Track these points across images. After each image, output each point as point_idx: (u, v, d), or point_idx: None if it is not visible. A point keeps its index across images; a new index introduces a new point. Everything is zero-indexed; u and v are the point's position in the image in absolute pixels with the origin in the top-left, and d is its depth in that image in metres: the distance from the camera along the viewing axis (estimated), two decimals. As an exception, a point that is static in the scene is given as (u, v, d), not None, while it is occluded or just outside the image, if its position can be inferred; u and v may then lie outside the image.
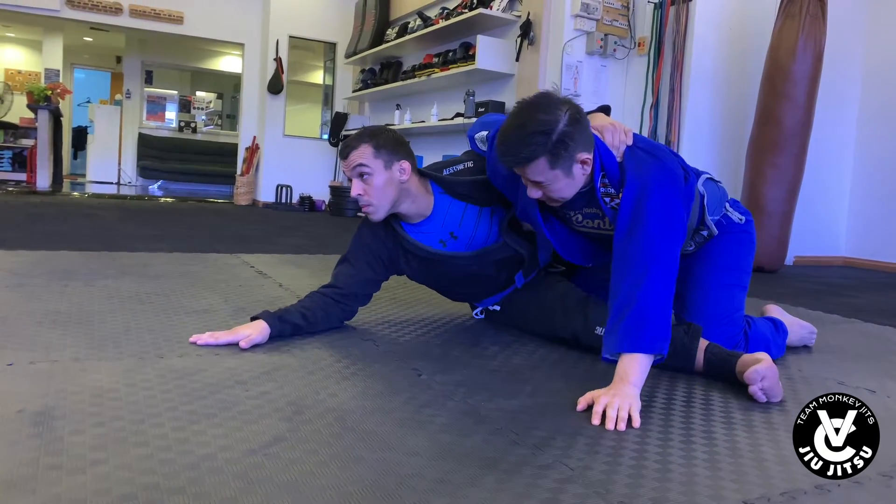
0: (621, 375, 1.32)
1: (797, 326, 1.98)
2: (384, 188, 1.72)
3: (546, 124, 1.41)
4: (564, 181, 1.48)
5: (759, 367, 1.41)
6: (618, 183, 1.52)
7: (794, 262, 4.81)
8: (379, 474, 0.96)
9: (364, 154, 1.72)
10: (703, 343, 1.58)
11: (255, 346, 1.61)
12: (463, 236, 1.85)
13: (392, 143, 1.75)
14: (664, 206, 1.44)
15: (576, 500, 0.92)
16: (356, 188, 1.73)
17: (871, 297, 3.39)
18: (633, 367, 1.32)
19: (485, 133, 1.79)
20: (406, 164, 1.75)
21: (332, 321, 1.83)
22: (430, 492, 0.92)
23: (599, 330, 1.69)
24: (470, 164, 1.88)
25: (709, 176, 1.74)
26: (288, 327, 1.70)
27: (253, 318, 1.69)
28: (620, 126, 1.57)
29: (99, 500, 0.84)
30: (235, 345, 1.60)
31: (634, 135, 1.59)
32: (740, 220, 1.79)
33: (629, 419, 1.23)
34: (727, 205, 1.80)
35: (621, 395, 1.27)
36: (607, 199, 1.55)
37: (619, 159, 1.53)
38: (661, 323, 1.36)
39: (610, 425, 1.20)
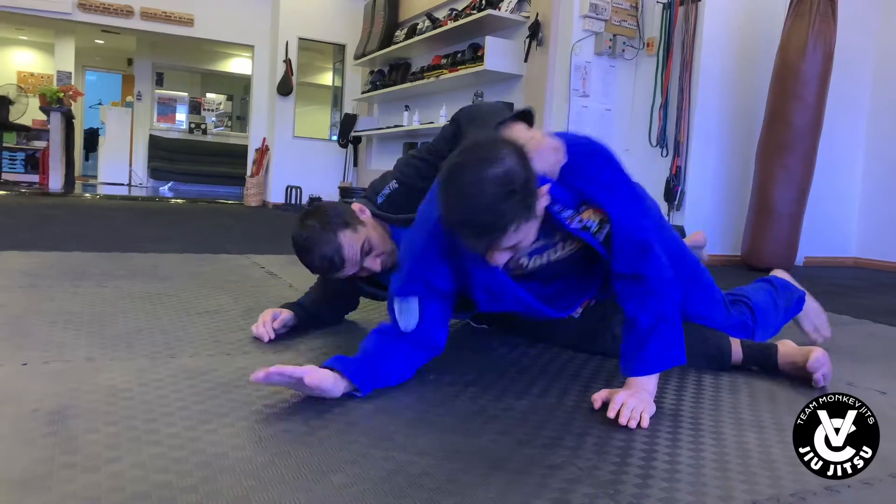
0: (637, 382, 1.32)
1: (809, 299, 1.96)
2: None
3: (505, 179, 1.13)
4: (535, 224, 1.24)
5: (819, 357, 1.52)
6: (574, 202, 1.35)
7: (805, 263, 4.79)
8: (389, 473, 0.97)
9: (351, 237, 1.61)
10: (732, 339, 1.66)
11: (264, 348, 1.62)
12: None
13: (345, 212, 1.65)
14: (637, 205, 1.39)
15: (585, 500, 0.92)
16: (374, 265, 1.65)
17: (882, 297, 3.37)
18: (650, 377, 1.33)
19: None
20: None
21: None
22: (439, 491, 0.92)
23: None
24: (395, 185, 1.72)
25: None
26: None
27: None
28: (545, 143, 1.33)
29: (113, 498, 0.85)
30: (246, 344, 1.62)
31: (557, 135, 1.39)
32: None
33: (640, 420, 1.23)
34: None
35: (638, 398, 1.27)
36: (569, 222, 1.37)
37: (555, 178, 1.32)
38: (680, 332, 1.36)
39: (623, 421, 1.21)
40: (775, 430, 1.26)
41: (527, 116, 1.48)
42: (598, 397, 1.31)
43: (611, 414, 1.23)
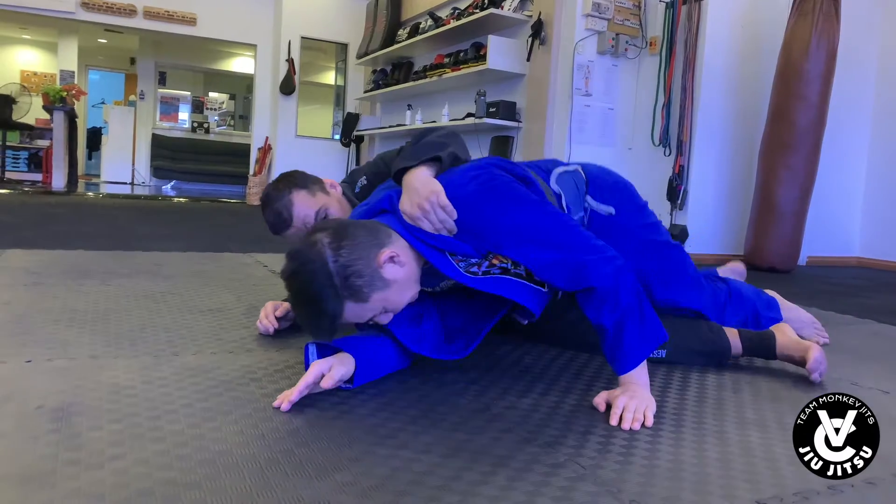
0: (629, 379, 1.30)
1: (793, 311, 1.96)
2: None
3: (318, 277, 1.20)
4: (390, 292, 1.26)
5: (817, 356, 1.55)
6: (480, 251, 1.35)
7: (808, 263, 4.78)
8: (392, 471, 0.97)
9: (307, 200, 1.70)
10: (729, 330, 1.67)
11: (267, 346, 1.63)
12: None
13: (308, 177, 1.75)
14: (532, 231, 1.33)
15: (587, 499, 0.92)
16: None
17: (885, 297, 3.36)
18: (639, 370, 1.31)
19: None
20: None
21: None
22: (442, 489, 0.92)
23: None
24: (364, 181, 1.83)
25: (563, 169, 1.61)
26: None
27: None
28: (430, 201, 1.30)
29: (117, 495, 0.85)
30: (249, 342, 1.62)
31: (449, 181, 1.35)
32: (609, 213, 1.63)
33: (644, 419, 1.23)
34: (588, 198, 1.62)
35: (639, 398, 1.26)
36: (479, 269, 1.37)
37: (453, 233, 1.34)
38: (648, 316, 1.33)
39: (626, 426, 1.21)
40: (778, 429, 1.26)
41: (439, 159, 1.40)
42: (599, 401, 1.30)
43: (613, 422, 1.22)
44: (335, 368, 1.24)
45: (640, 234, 1.68)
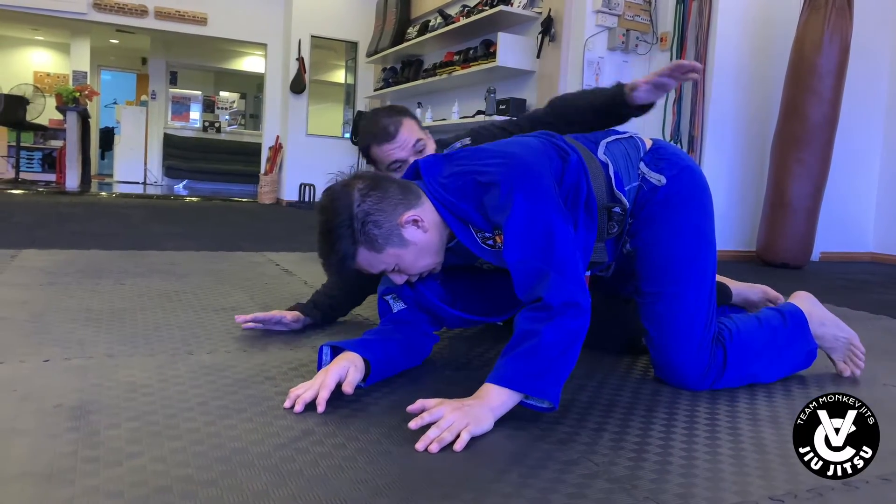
0: (485, 392, 1.15)
1: (829, 327, 1.56)
2: None
3: (340, 215, 1.25)
4: (405, 252, 1.28)
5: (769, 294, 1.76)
6: (490, 225, 1.30)
7: (821, 258, 4.75)
8: (406, 469, 0.98)
9: (414, 129, 1.78)
10: None
11: (281, 345, 1.64)
12: None
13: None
14: (527, 223, 1.22)
15: (601, 496, 0.93)
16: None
17: (901, 293, 3.34)
18: (500, 393, 1.14)
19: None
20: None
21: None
22: (456, 486, 0.93)
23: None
24: (468, 140, 1.88)
25: (615, 137, 1.49)
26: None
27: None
28: None
29: (135, 492, 0.86)
30: (263, 340, 1.64)
31: (487, 145, 1.39)
32: (659, 181, 1.44)
33: (455, 440, 1.05)
34: (642, 164, 1.46)
35: (463, 413, 1.09)
36: (494, 242, 1.31)
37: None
38: (557, 371, 1.15)
39: (421, 446, 1.03)
40: (791, 425, 1.25)
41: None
42: (417, 404, 1.13)
43: (412, 424, 1.07)
44: (351, 373, 1.24)
45: (682, 218, 1.47)
